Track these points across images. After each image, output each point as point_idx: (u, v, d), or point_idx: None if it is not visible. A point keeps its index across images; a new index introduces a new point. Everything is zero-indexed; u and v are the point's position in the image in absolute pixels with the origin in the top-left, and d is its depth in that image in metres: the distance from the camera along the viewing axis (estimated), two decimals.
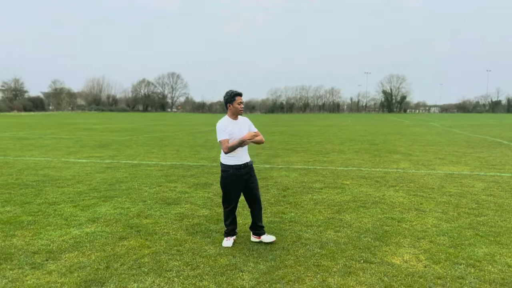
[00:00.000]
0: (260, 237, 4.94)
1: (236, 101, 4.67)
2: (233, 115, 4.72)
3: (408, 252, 4.58)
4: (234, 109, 4.69)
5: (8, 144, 17.33)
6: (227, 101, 4.70)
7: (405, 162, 11.85)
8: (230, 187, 4.77)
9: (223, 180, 4.80)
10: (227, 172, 4.71)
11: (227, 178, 4.74)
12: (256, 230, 4.96)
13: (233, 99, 4.66)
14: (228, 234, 4.92)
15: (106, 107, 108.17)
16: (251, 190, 4.86)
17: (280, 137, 21.98)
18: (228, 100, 4.68)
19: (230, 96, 4.67)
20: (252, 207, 4.93)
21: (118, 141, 19.13)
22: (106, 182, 8.59)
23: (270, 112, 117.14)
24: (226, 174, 4.73)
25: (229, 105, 4.69)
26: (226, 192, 4.82)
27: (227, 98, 4.69)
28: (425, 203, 6.89)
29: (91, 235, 5.12)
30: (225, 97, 4.71)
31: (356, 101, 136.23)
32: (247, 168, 4.80)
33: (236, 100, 4.67)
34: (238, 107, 4.68)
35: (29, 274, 3.93)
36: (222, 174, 4.79)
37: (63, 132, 25.12)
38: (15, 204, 6.68)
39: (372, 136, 22.38)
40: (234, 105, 4.67)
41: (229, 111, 4.72)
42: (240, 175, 4.72)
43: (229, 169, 4.70)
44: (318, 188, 8.05)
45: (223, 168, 4.77)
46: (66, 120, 45.76)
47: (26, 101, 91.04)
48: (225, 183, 4.79)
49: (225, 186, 4.80)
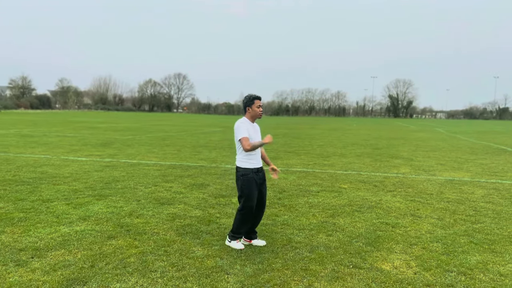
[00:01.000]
0: (251, 241, 4.88)
1: (255, 105, 4.68)
2: (251, 118, 4.73)
3: (399, 258, 4.50)
4: (254, 112, 4.69)
5: (12, 141, 17.39)
6: (246, 104, 4.70)
7: (406, 167, 11.74)
8: (253, 189, 4.66)
9: (246, 183, 4.63)
10: (247, 175, 4.62)
11: (249, 181, 4.63)
12: (249, 234, 4.89)
13: (252, 103, 4.67)
14: (240, 237, 4.81)
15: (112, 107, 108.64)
16: (262, 195, 4.82)
17: (283, 139, 21.91)
18: (248, 103, 4.68)
19: (249, 100, 4.68)
20: (258, 212, 4.86)
21: (120, 140, 19.15)
22: (103, 181, 8.57)
23: (275, 115, 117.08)
24: (248, 177, 4.62)
25: (248, 109, 4.69)
26: (249, 195, 4.65)
27: (246, 101, 4.70)
28: (421, 208, 6.79)
29: (80, 233, 5.08)
30: (244, 100, 4.73)
31: (362, 105, 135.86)
32: (262, 173, 4.80)
33: (255, 104, 4.68)
34: (257, 110, 4.69)
35: (12, 272, 3.89)
36: (243, 178, 4.63)
37: (68, 130, 25.21)
38: (9, 200, 6.67)
39: (376, 141, 22.26)
40: (253, 108, 4.68)
41: (248, 114, 4.72)
42: (257, 179, 4.69)
43: (249, 172, 4.63)
44: (315, 192, 7.97)
45: (243, 172, 4.64)
46: (72, 119, 45.96)
47: (33, 99, 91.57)
48: (248, 186, 4.64)
49: (248, 188, 4.64)
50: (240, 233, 4.76)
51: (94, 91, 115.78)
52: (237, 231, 4.75)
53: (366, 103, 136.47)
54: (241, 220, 4.71)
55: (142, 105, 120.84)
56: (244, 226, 4.74)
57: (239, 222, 4.72)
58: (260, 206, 4.83)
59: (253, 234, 4.90)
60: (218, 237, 5.07)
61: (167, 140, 19.52)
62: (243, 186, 4.65)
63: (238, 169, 4.69)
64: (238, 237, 4.77)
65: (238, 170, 4.68)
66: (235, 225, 4.76)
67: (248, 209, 4.67)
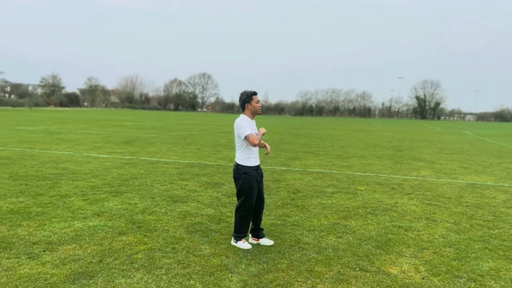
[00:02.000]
0: (259, 239, 4.89)
1: (254, 100, 4.68)
2: (251, 114, 4.72)
3: (408, 262, 4.42)
4: (253, 108, 4.68)
5: (39, 137, 17.91)
6: (245, 101, 4.68)
7: (426, 170, 11.50)
8: (253, 187, 4.67)
9: (248, 181, 4.63)
10: (249, 173, 4.63)
11: (250, 179, 4.64)
12: (256, 232, 4.91)
13: (251, 99, 4.66)
14: (244, 236, 4.81)
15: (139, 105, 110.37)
16: (260, 192, 4.84)
17: (304, 140, 21.80)
18: (246, 100, 4.67)
19: (247, 96, 4.67)
20: (259, 209, 4.88)
21: (143, 138, 19.45)
22: (121, 178, 8.73)
23: (299, 115, 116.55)
24: (249, 176, 4.63)
25: (247, 105, 4.68)
26: (250, 194, 4.66)
27: (244, 98, 4.68)
28: (438, 212, 6.64)
29: (92, 228, 5.19)
30: (242, 97, 4.71)
31: (388, 106, 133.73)
32: (260, 170, 4.83)
33: (254, 99, 4.68)
34: (256, 105, 4.69)
35: (24, 264, 4.01)
36: (245, 176, 4.62)
37: (93, 128, 25.78)
38: (29, 195, 6.87)
39: (399, 142, 21.88)
40: (252, 104, 4.67)
41: (248, 111, 4.70)
42: (257, 176, 4.72)
43: (250, 170, 4.64)
44: (330, 193, 7.90)
45: (245, 170, 4.63)
46: (99, 116, 46.96)
47: (62, 97, 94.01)
48: (250, 185, 4.64)
49: (250, 187, 4.64)
50: (243, 232, 4.76)
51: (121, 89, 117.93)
52: (239, 231, 4.75)
53: (392, 104, 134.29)
54: (241, 219, 4.73)
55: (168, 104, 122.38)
56: (245, 225, 4.75)
57: (240, 221, 4.74)
58: (259, 203, 4.83)
59: (260, 232, 4.90)
60: (226, 236, 5.09)
61: (189, 139, 19.72)
62: (244, 184, 4.64)
63: (239, 167, 4.66)
64: (242, 237, 4.77)
65: (239, 168, 4.66)
66: (236, 225, 4.77)
67: (248, 207, 4.69)
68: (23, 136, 18.19)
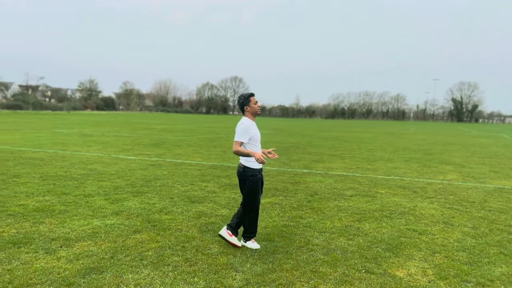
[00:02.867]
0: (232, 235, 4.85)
1: (252, 102, 4.74)
2: (252, 115, 4.78)
3: (417, 266, 4.36)
4: (253, 110, 4.75)
5: (72, 139, 18.61)
6: (244, 104, 4.75)
7: (454, 174, 11.21)
8: (259, 188, 4.77)
9: (254, 184, 4.69)
10: (256, 175, 4.70)
11: (257, 181, 4.71)
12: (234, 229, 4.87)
13: (249, 100, 4.73)
14: (254, 236, 4.88)
15: (172, 109, 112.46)
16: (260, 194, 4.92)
17: (331, 142, 21.64)
18: (245, 102, 4.74)
19: (245, 98, 4.74)
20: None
21: (171, 140, 19.86)
22: (144, 179, 8.98)
23: (330, 118, 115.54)
24: (256, 178, 4.70)
25: (246, 107, 4.74)
26: (257, 194, 4.74)
27: (242, 101, 4.75)
28: (457, 216, 6.49)
29: (109, 226, 5.40)
30: (240, 100, 4.77)
31: (423, 108, 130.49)
32: (262, 174, 4.89)
33: (252, 101, 4.74)
34: (255, 107, 4.75)
35: (40, 258, 4.24)
36: (252, 179, 4.68)
37: (125, 131, 26.51)
38: (55, 194, 7.20)
39: (430, 146, 21.36)
40: (251, 106, 4.73)
41: (248, 113, 4.76)
42: (261, 178, 4.82)
43: (257, 173, 4.72)
44: (348, 196, 7.86)
45: (252, 172, 4.68)
46: (132, 120, 48.22)
47: (99, 101, 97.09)
48: (257, 186, 4.72)
49: (257, 189, 4.72)
50: (253, 232, 4.83)
51: (155, 93, 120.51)
52: (249, 231, 4.82)
53: (427, 107, 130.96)
54: (250, 219, 4.79)
55: (200, 108, 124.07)
56: (254, 225, 4.82)
57: (250, 221, 4.80)
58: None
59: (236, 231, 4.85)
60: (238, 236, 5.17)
61: (216, 142, 19.97)
62: (252, 186, 4.68)
63: (246, 169, 4.70)
64: (252, 237, 4.85)
65: (247, 170, 4.69)
66: (246, 225, 4.82)
67: (256, 207, 4.77)
68: (58, 138, 18.95)
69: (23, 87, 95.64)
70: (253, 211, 4.78)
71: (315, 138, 25.34)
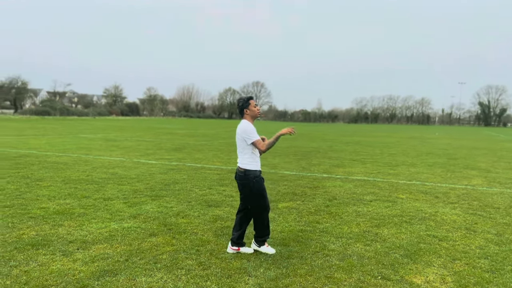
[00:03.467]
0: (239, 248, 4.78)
1: (251, 105, 4.72)
2: (252, 119, 4.75)
3: (435, 273, 4.23)
4: (252, 112, 4.73)
5: (96, 144, 18.97)
6: (243, 107, 4.71)
7: (478, 179, 10.89)
8: (265, 188, 4.74)
9: (259, 185, 4.64)
10: (258, 176, 4.67)
11: (261, 181, 4.68)
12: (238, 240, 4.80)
13: (248, 103, 4.71)
14: (267, 239, 4.82)
15: (195, 114, 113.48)
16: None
17: (353, 147, 21.39)
18: (244, 105, 4.71)
19: (245, 101, 4.72)
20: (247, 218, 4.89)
21: (193, 145, 20.01)
22: (163, 183, 9.06)
23: (353, 122, 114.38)
24: (259, 178, 4.67)
25: (246, 110, 4.71)
26: (264, 195, 4.70)
27: (242, 104, 4.72)
28: (480, 223, 6.29)
29: (126, 229, 5.45)
30: (240, 104, 4.75)
31: (449, 112, 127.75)
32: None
33: (251, 104, 4.72)
34: (255, 109, 4.73)
35: (57, 260, 4.31)
36: (256, 180, 4.63)
37: (148, 136, 26.88)
38: (75, 197, 7.33)
39: (454, 150, 20.86)
40: (251, 109, 4.70)
41: (247, 116, 4.74)
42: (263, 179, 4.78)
43: (258, 174, 4.69)
44: (368, 201, 7.72)
45: (255, 174, 4.64)
46: (155, 125, 48.88)
47: (123, 106, 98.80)
48: (262, 186, 4.68)
49: (262, 188, 4.68)
50: (265, 235, 4.77)
51: (178, 99, 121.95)
52: (261, 234, 4.76)
53: (453, 111, 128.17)
54: (262, 222, 4.73)
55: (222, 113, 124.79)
56: (266, 228, 4.75)
57: (261, 224, 4.74)
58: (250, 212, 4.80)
59: (241, 241, 4.81)
60: (252, 240, 5.14)
61: (236, 146, 19.96)
62: (260, 187, 4.63)
63: (248, 172, 4.62)
64: (264, 240, 4.79)
65: (248, 173, 4.62)
66: (257, 229, 4.77)
67: (266, 210, 4.70)
68: (83, 143, 19.35)
69: (51, 94, 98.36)
70: (265, 211, 4.71)
71: (337, 142, 25.10)
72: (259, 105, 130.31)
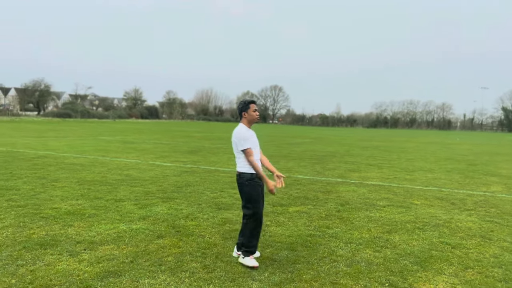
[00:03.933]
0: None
1: (251, 109, 4.59)
2: (249, 123, 4.61)
3: (446, 281, 4.10)
4: (250, 117, 4.59)
5: (114, 146, 19.21)
6: (242, 110, 4.60)
7: (498, 186, 10.60)
8: (259, 193, 4.55)
9: (253, 188, 4.44)
10: (253, 180, 4.49)
11: (255, 185, 4.49)
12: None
13: (248, 107, 4.58)
14: (254, 251, 4.56)
15: (213, 117, 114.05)
16: (263, 201, 4.72)
17: (370, 152, 21.12)
18: (243, 108, 4.60)
19: (245, 104, 4.61)
20: None
21: (208, 148, 20.08)
22: (176, 185, 9.08)
23: (372, 127, 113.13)
24: (254, 182, 4.48)
25: (244, 114, 4.59)
26: (258, 200, 4.50)
27: (241, 106, 4.61)
28: (497, 230, 6.10)
29: (135, 231, 5.46)
30: (240, 106, 4.64)
31: (471, 118, 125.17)
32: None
33: (251, 108, 4.59)
34: (253, 114, 4.59)
35: (64, 260, 4.33)
36: (249, 183, 4.45)
37: (165, 138, 27.11)
38: (88, 198, 7.40)
39: (475, 156, 20.39)
40: (249, 113, 4.57)
41: (245, 120, 4.60)
42: (260, 184, 4.59)
43: (254, 177, 4.52)
44: (381, 206, 7.58)
45: (249, 177, 4.47)
46: (174, 128, 49.30)
47: (143, 109, 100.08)
48: (256, 190, 4.49)
49: (256, 193, 4.49)
50: (253, 246, 4.46)
51: (196, 102, 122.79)
52: (249, 245, 4.45)
53: (475, 116, 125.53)
54: (251, 231, 4.47)
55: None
56: (256, 237, 4.50)
57: (250, 233, 4.47)
58: None
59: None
60: (260, 244, 5.08)
61: None
62: (251, 191, 4.44)
63: (242, 175, 4.49)
64: (251, 252, 4.46)
65: (242, 176, 4.48)
66: (246, 238, 4.47)
67: (258, 217, 4.46)
68: (101, 145, 19.62)
69: (73, 96, 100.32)
70: (254, 220, 4.45)
71: (354, 147, 24.84)
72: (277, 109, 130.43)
